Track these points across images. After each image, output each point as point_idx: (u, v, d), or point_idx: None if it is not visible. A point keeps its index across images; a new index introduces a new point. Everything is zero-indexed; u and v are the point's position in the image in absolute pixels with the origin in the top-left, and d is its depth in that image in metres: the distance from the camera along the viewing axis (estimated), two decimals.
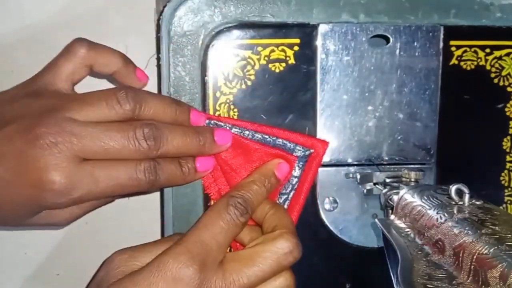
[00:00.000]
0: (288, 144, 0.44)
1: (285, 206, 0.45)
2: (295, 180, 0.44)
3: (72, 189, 0.37)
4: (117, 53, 0.42)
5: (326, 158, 0.46)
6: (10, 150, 0.36)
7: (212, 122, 0.43)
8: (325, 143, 0.45)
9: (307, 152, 0.44)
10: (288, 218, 0.41)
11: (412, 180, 0.46)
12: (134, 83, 0.43)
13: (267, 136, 0.44)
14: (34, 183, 0.36)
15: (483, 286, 0.29)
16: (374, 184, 0.47)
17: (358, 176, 0.46)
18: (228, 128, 0.43)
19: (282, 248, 0.38)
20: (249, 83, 0.45)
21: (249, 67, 0.44)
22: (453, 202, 0.37)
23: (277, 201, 0.44)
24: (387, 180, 0.46)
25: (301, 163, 0.44)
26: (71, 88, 0.41)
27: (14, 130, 0.37)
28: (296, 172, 0.44)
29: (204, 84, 0.44)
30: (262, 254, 0.38)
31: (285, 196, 0.44)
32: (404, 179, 0.46)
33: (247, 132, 0.44)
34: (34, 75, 0.42)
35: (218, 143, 0.42)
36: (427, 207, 0.38)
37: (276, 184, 0.43)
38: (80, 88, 0.42)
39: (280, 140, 0.44)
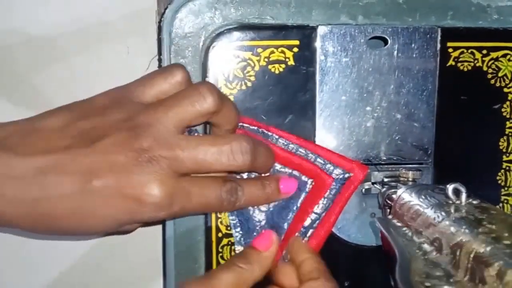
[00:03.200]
0: (328, 165, 0.43)
1: (315, 225, 0.44)
2: (329, 201, 0.43)
3: (170, 204, 0.37)
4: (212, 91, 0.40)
5: None
6: (109, 165, 0.36)
7: (260, 130, 0.44)
8: (365, 169, 0.44)
9: (346, 175, 0.43)
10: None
11: (410, 179, 0.46)
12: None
13: (309, 152, 0.44)
14: (135, 197, 0.36)
15: (480, 285, 0.30)
16: (373, 183, 0.47)
17: None
18: (274, 139, 0.44)
19: None
20: (249, 84, 0.45)
21: (249, 68, 0.45)
22: (450, 201, 0.38)
23: (308, 219, 0.43)
24: (385, 180, 0.47)
25: (338, 185, 0.43)
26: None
27: (110, 144, 0.36)
28: (332, 193, 0.43)
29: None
30: None
31: (316, 215, 0.43)
32: (402, 178, 0.46)
33: (291, 146, 0.44)
34: (122, 86, 0.41)
35: (282, 192, 0.43)
36: (425, 206, 0.38)
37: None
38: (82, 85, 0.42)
39: (321, 159, 0.43)
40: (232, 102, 0.41)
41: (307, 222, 0.43)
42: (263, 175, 0.43)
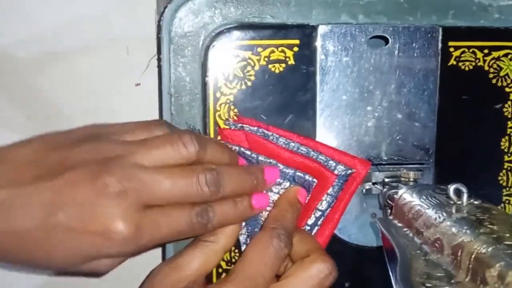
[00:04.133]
0: (330, 162, 0.43)
1: (319, 222, 0.44)
2: (332, 198, 0.43)
3: (139, 238, 0.36)
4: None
5: None
6: (74, 198, 0.35)
7: (260, 130, 0.44)
8: (367, 164, 0.44)
9: (348, 172, 0.43)
10: (315, 240, 0.42)
11: (411, 179, 0.46)
12: None
13: (311, 150, 0.44)
14: (101, 232, 0.35)
15: (481, 285, 0.30)
16: (373, 183, 0.47)
17: None
18: (275, 138, 0.44)
19: (323, 271, 0.39)
20: (249, 83, 0.45)
21: (249, 68, 0.45)
22: (452, 202, 0.37)
23: (312, 217, 0.44)
24: (386, 180, 0.47)
25: (341, 181, 0.43)
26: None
27: (77, 176, 0.36)
28: (335, 190, 0.43)
29: (204, 84, 0.44)
30: (306, 281, 0.38)
31: (320, 213, 0.43)
32: (403, 178, 0.46)
33: (292, 144, 0.44)
34: (103, 124, 0.41)
35: (267, 182, 0.42)
36: (426, 207, 0.38)
37: (301, 210, 0.43)
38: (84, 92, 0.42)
39: (323, 156, 0.44)
40: (218, 146, 0.41)
41: (311, 220, 0.43)
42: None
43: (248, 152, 0.43)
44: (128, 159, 0.37)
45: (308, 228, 0.44)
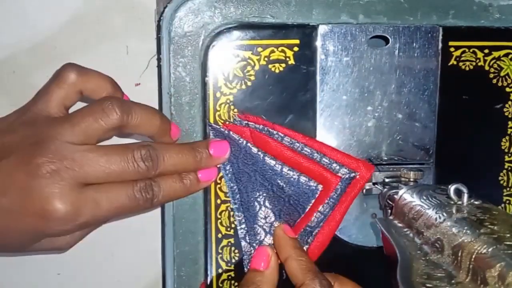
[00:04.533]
0: (334, 164, 0.43)
1: (321, 224, 0.44)
2: (334, 201, 0.43)
3: (77, 215, 0.37)
4: (106, 78, 0.42)
5: None
6: (12, 182, 0.36)
7: (266, 128, 0.44)
8: (371, 168, 0.44)
9: (352, 175, 0.43)
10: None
11: (411, 180, 0.46)
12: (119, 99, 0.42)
13: (315, 152, 0.44)
14: (39, 212, 0.36)
15: (482, 286, 0.30)
16: (374, 184, 0.47)
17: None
18: (280, 137, 0.44)
19: None
20: (249, 83, 0.45)
21: (249, 68, 0.44)
22: (452, 202, 0.37)
23: (313, 219, 0.43)
24: (386, 180, 0.47)
25: (344, 185, 0.43)
26: (65, 113, 0.41)
27: (13, 161, 0.37)
28: (337, 193, 0.43)
29: (204, 84, 0.44)
30: None
31: (322, 215, 0.43)
32: (403, 179, 0.46)
33: (297, 144, 0.44)
34: (28, 102, 0.41)
35: (214, 156, 0.43)
36: (426, 207, 0.38)
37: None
38: None
39: (327, 158, 0.44)
40: (146, 112, 0.40)
41: (312, 222, 0.43)
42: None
43: (254, 150, 0.43)
44: (58, 138, 0.37)
45: (309, 229, 0.44)
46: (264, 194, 0.44)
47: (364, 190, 0.47)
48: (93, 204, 0.38)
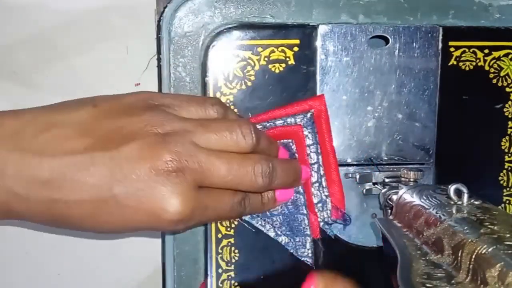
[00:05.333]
0: (288, 119, 0.44)
1: (322, 172, 0.45)
2: (315, 146, 0.44)
3: (189, 218, 0.36)
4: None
5: None
6: (133, 172, 0.34)
7: None
8: (321, 97, 0.45)
9: (308, 115, 0.44)
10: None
11: (411, 180, 0.46)
12: None
13: (266, 123, 0.44)
14: (154, 211, 0.35)
15: (482, 286, 0.30)
16: (373, 184, 0.47)
17: (357, 176, 0.47)
18: None
19: None
20: (249, 83, 0.45)
21: (249, 68, 0.44)
22: (452, 202, 0.37)
23: (313, 174, 0.44)
24: (386, 180, 0.47)
25: (309, 127, 0.44)
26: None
27: (136, 149, 0.34)
28: (311, 137, 0.44)
29: (204, 84, 0.44)
30: None
31: (316, 165, 0.44)
32: (403, 179, 0.46)
33: (261, 125, 0.44)
34: (155, 92, 0.40)
35: (302, 178, 0.44)
36: (426, 207, 0.38)
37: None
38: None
39: (279, 119, 0.44)
40: (268, 139, 0.41)
41: (313, 178, 0.44)
42: None
43: None
44: (187, 137, 0.36)
45: (317, 184, 0.44)
46: None
47: (364, 190, 0.47)
48: (203, 209, 0.37)
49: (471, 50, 0.47)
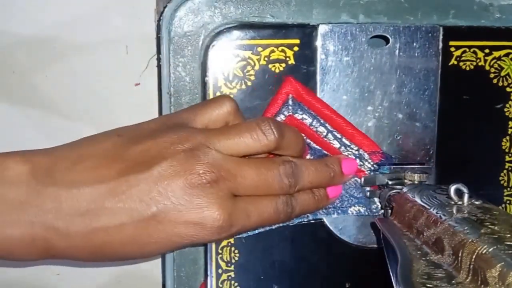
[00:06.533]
0: (277, 118, 0.44)
1: (339, 135, 0.45)
2: (315, 120, 0.45)
3: (231, 226, 0.37)
4: (234, 107, 0.41)
5: None
6: (168, 190, 0.35)
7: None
8: (288, 79, 0.44)
9: (290, 101, 0.44)
10: None
11: (416, 182, 0.45)
12: None
13: None
14: (196, 222, 0.36)
15: (482, 286, 0.29)
16: (377, 186, 0.47)
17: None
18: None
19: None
20: (249, 83, 0.45)
21: (249, 68, 0.44)
22: (452, 202, 0.37)
23: (333, 142, 0.45)
24: (390, 182, 0.46)
25: (299, 110, 0.44)
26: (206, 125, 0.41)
27: (167, 168, 0.36)
28: (307, 117, 0.45)
29: (204, 84, 0.44)
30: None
31: (330, 133, 0.45)
32: (407, 181, 0.46)
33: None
34: (170, 114, 0.41)
35: (345, 174, 0.44)
36: (427, 207, 0.38)
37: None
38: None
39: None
40: (294, 134, 0.41)
41: (336, 144, 0.45)
42: None
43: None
44: (212, 148, 0.37)
45: (343, 148, 0.45)
46: None
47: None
48: (244, 215, 0.38)
49: (471, 50, 0.47)
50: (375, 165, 0.46)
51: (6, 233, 0.35)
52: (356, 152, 0.46)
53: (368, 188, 0.47)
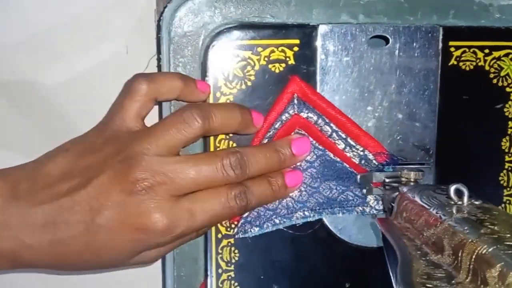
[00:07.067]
0: (283, 116, 0.45)
1: (343, 135, 0.45)
2: (321, 119, 0.45)
3: (174, 227, 0.38)
4: (175, 76, 0.42)
5: None
6: (108, 200, 0.38)
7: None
8: (294, 79, 0.45)
9: (295, 100, 0.44)
10: None
11: (412, 180, 0.46)
12: (198, 97, 0.43)
13: (268, 133, 0.44)
14: (137, 227, 0.38)
15: (482, 286, 0.29)
16: (374, 184, 0.47)
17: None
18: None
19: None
20: (249, 83, 0.45)
21: (249, 68, 0.44)
22: (452, 202, 0.37)
23: (337, 141, 0.45)
24: (387, 180, 0.46)
25: (304, 109, 0.45)
26: (142, 123, 0.42)
27: (106, 180, 0.38)
28: (312, 116, 0.45)
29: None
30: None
31: (334, 132, 0.45)
32: (403, 179, 0.46)
33: None
34: (103, 118, 0.42)
35: (296, 155, 0.44)
36: (426, 207, 0.38)
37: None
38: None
39: (276, 122, 0.45)
40: (226, 111, 0.41)
41: (341, 145, 0.46)
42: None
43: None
44: (145, 153, 0.38)
45: (348, 148, 0.46)
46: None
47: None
48: (188, 215, 0.39)
49: (471, 50, 0.47)
50: (380, 166, 0.46)
51: None
52: (362, 153, 0.46)
53: (366, 187, 0.47)
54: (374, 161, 0.46)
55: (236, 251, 0.45)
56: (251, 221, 0.44)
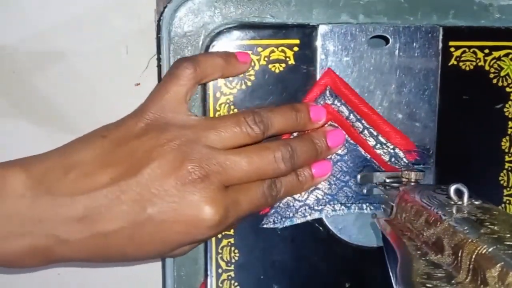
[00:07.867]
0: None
1: (375, 133, 0.46)
2: (352, 115, 0.45)
3: (226, 218, 0.38)
4: (217, 55, 0.42)
5: None
6: (161, 190, 0.36)
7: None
8: (328, 71, 0.45)
9: (328, 92, 0.45)
10: None
11: (412, 180, 0.46)
12: (241, 70, 0.43)
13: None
14: (191, 219, 0.37)
15: (482, 286, 0.29)
16: (375, 184, 0.47)
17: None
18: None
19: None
20: (249, 83, 0.45)
21: (249, 68, 0.44)
22: (452, 202, 0.37)
23: (369, 138, 0.46)
24: (387, 181, 0.46)
25: (336, 101, 0.45)
26: (187, 109, 0.41)
27: (159, 169, 0.36)
28: (344, 111, 0.45)
29: (204, 84, 0.44)
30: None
31: (365, 130, 0.45)
32: (404, 179, 0.46)
33: None
34: (143, 104, 0.41)
35: (331, 147, 0.44)
36: (426, 207, 0.38)
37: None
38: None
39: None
40: (281, 118, 0.42)
41: (371, 142, 0.46)
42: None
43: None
44: (200, 142, 0.38)
45: (378, 145, 0.46)
46: None
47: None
48: (236, 205, 0.39)
49: (471, 50, 0.47)
50: (410, 164, 0.46)
51: (7, 246, 0.36)
52: (392, 151, 0.46)
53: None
54: (404, 159, 0.46)
55: (236, 251, 0.46)
56: (281, 211, 0.45)
